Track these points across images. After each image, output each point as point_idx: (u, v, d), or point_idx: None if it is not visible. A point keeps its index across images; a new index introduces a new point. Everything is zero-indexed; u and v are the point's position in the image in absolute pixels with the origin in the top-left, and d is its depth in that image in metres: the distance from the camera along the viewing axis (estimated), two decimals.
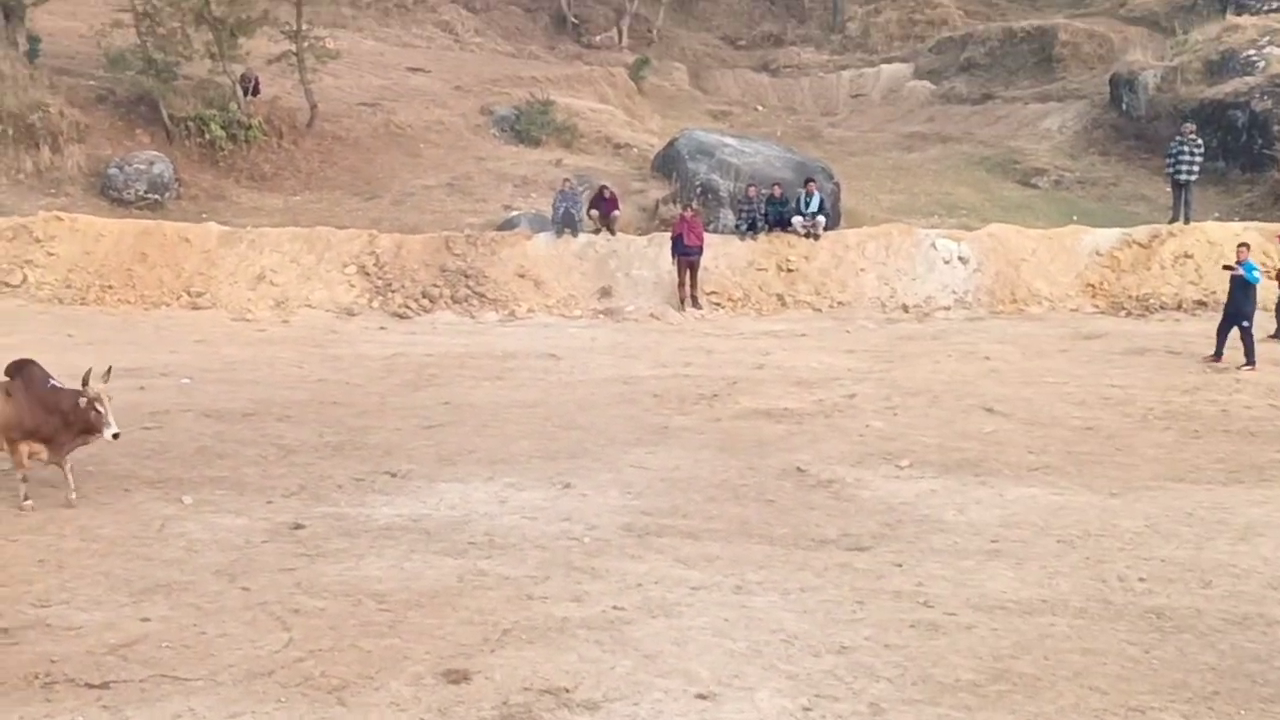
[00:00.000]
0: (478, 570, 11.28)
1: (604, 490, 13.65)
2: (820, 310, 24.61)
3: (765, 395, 17.95)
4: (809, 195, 26.03)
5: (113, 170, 29.09)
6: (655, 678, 9.13)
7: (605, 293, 24.95)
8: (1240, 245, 20.90)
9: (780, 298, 24.89)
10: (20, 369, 13.08)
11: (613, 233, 26.03)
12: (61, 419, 12.73)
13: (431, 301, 24.78)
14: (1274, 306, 22.06)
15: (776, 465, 14.56)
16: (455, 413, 16.94)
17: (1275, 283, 22.01)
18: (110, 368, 13.24)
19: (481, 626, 10.02)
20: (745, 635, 9.93)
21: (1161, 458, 14.94)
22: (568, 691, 8.88)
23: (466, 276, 24.98)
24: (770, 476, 14.11)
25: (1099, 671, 9.34)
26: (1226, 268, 20.72)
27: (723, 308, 24.71)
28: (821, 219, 25.77)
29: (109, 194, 28.76)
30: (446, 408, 17.26)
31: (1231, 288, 20.14)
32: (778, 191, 26.14)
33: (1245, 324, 19.75)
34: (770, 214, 26.10)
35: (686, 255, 24.57)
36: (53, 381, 12.98)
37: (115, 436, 12.78)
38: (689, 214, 25.09)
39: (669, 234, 25.58)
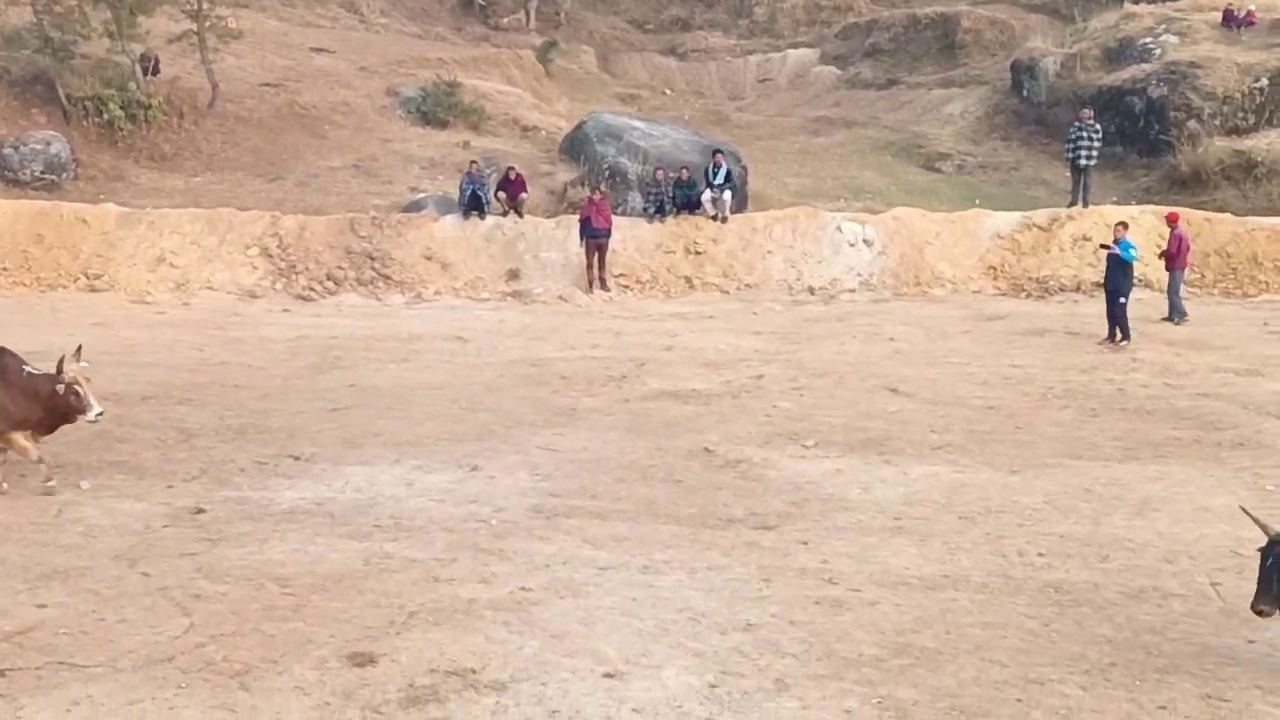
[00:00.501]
0: (383, 553, 11.17)
1: (512, 472, 13.59)
2: (728, 292, 24.71)
3: (673, 376, 17.98)
4: (716, 166, 26.10)
5: (7, 150, 28.39)
6: (563, 657, 9.11)
7: (513, 275, 24.84)
8: (1118, 224, 21.45)
9: (688, 280, 24.95)
10: None
11: (520, 215, 25.91)
12: (42, 405, 12.47)
13: (336, 284, 24.50)
14: (1166, 289, 22.57)
15: (684, 446, 14.59)
16: (360, 395, 16.77)
17: (1160, 261, 22.51)
18: (80, 346, 12.99)
19: (387, 609, 9.92)
20: (653, 614, 9.95)
21: (1060, 436, 15.20)
22: (474, 673, 8.83)
23: (372, 259, 24.73)
24: (678, 457, 14.14)
25: (999, 645, 9.48)
26: (1103, 246, 21.24)
27: (631, 290, 24.72)
28: (728, 194, 25.84)
29: (4, 175, 28.08)
30: (351, 390, 17.07)
31: (1109, 266, 20.68)
32: (685, 175, 26.20)
33: (1122, 300, 20.23)
34: (678, 197, 26.14)
35: (595, 238, 24.54)
36: (28, 369, 12.70)
37: (99, 416, 12.59)
38: (597, 197, 25.05)
39: (577, 217, 25.52)
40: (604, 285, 24.64)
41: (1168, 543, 11.36)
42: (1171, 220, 22.83)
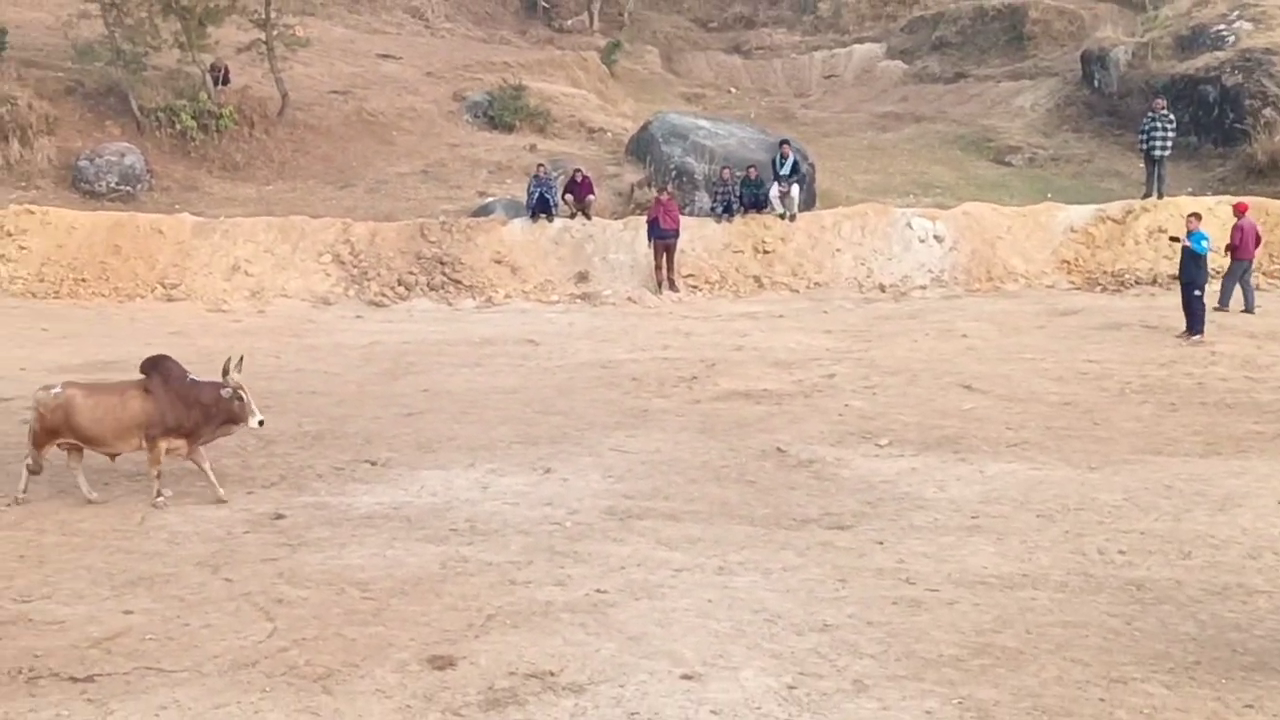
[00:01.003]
0: (460, 557, 11.27)
1: (585, 474, 13.66)
2: (797, 291, 24.64)
3: (744, 376, 17.97)
4: (783, 157, 26.04)
5: (83, 162, 28.91)
6: (640, 659, 9.15)
7: (582, 277, 24.93)
8: (1190, 215, 21.26)
9: (757, 279, 24.91)
10: (156, 365, 13.06)
11: (588, 217, 26.00)
12: (203, 412, 12.75)
13: (408, 289, 24.72)
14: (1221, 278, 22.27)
15: (756, 446, 14.59)
16: (434, 400, 16.92)
17: (1225, 255, 22.19)
18: (242, 356, 13.30)
19: (465, 612, 10.02)
20: (728, 615, 9.96)
21: (1139, 431, 15.03)
22: (553, 675, 8.89)
23: (442, 264, 24.93)
24: (750, 457, 14.15)
25: (1081, 644, 9.40)
26: (1173, 239, 21.02)
27: (700, 290, 24.72)
28: (796, 189, 25.76)
29: (80, 186, 28.59)
30: (425, 395, 17.24)
31: (1183, 259, 20.52)
32: (753, 173, 26.16)
33: (1197, 293, 20.02)
34: (745, 196, 26.11)
35: (663, 239, 24.57)
36: (191, 375, 13.03)
37: (260, 424, 12.88)
38: (665, 197, 25.08)
39: (645, 218, 25.58)
40: (673, 286, 24.67)
41: (1251, 539, 11.20)
42: (1240, 210, 22.48)
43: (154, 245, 25.60)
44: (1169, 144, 26.37)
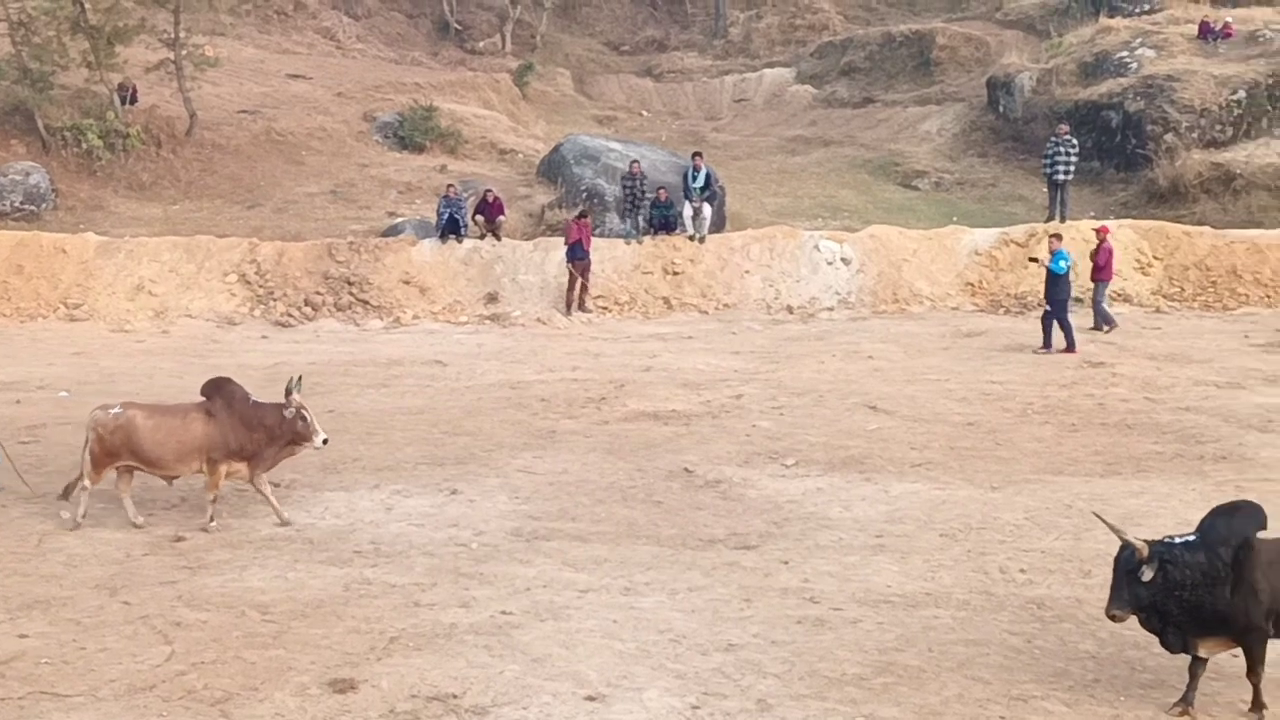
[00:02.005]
0: (364, 579, 11.17)
1: (492, 495, 13.60)
2: (706, 312, 24.77)
3: (652, 397, 18.01)
4: (696, 170, 26.14)
5: None
6: (544, 681, 9.11)
7: (491, 298, 24.85)
8: (1051, 236, 22.07)
9: (667, 300, 25.00)
10: (219, 388, 12.89)
11: (498, 238, 25.95)
12: (266, 434, 12.60)
13: (314, 309, 24.48)
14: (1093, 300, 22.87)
15: (664, 467, 14.61)
16: (340, 421, 16.75)
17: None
18: (301, 376, 13.17)
19: (368, 635, 9.92)
20: (634, 636, 9.96)
21: (1040, 451, 15.26)
22: (455, 697, 8.83)
23: (350, 284, 24.72)
24: (658, 478, 14.17)
25: (982, 662, 9.52)
26: (1032, 260, 21.73)
27: (609, 311, 24.75)
28: (708, 209, 25.85)
29: None
30: (331, 416, 17.04)
31: (1047, 279, 21.39)
32: (663, 195, 26.25)
33: (1048, 309, 21.12)
34: (655, 218, 26.20)
35: (582, 260, 24.58)
36: (253, 397, 12.86)
37: (324, 443, 12.74)
38: (583, 220, 25.07)
39: (557, 238, 25.58)
40: (584, 307, 24.67)
41: None
42: (1102, 233, 23.11)
43: (57, 265, 25.13)
44: (1072, 169, 26.88)
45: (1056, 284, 21.23)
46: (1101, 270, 22.67)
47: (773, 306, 24.89)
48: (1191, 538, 8.48)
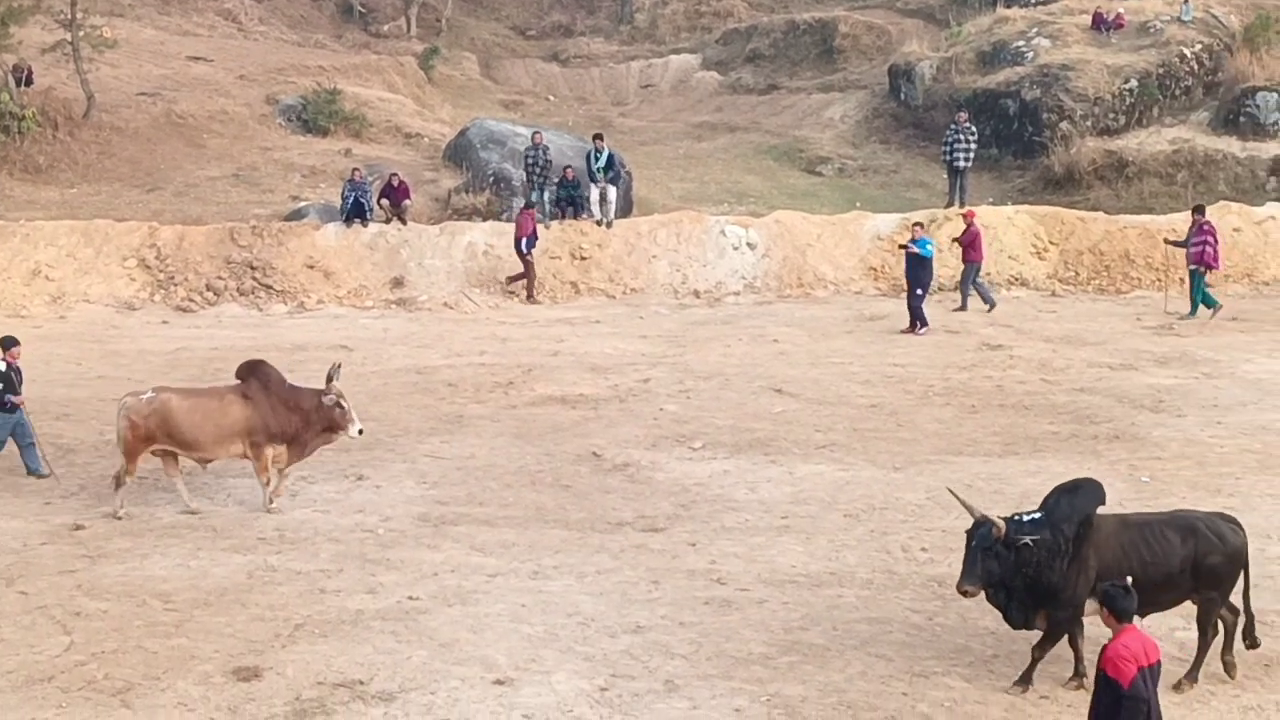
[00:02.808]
0: (268, 566, 11.03)
1: (398, 481, 13.50)
2: (614, 297, 24.73)
3: (560, 382, 17.96)
4: (598, 151, 26.00)
5: None
6: (452, 665, 9.07)
7: (397, 283, 24.58)
8: (914, 224, 22.66)
9: (574, 285, 24.91)
10: (254, 370, 12.65)
11: (404, 222, 25.68)
12: (303, 419, 12.40)
13: (216, 294, 24.04)
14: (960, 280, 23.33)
15: (572, 450, 14.59)
16: None
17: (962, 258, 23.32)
18: (340, 364, 13.05)
19: (272, 623, 9.81)
20: (542, 619, 9.95)
21: (941, 432, 15.47)
22: (362, 684, 8.76)
23: (253, 268, 24.31)
24: (566, 462, 14.15)
25: (885, 639, 9.64)
26: (902, 247, 22.10)
27: (517, 296, 24.62)
28: (614, 191, 25.73)
29: None
30: None
31: (909, 263, 21.89)
32: (569, 174, 26.09)
33: (920, 292, 21.60)
34: (562, 197, 26.01)
35: (531, 249, 24.49)
36: (289, 382, 12.64)
37: (360, 433, 12.61)
38: (531, 209, 24.94)
39: (464, 223, 25.43)
40: (533, 297, 24.56)
41: None
42: (968, 217, 23.52)
43: None
44: (971, 155, 27.22)
45: (925, 267, 21.81)
46: (969, 252, 23.03)
47: (680, 291, 24.93)
48: (1038, 515, 8.70)
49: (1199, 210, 23.34)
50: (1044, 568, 8.50)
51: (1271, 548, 11.50)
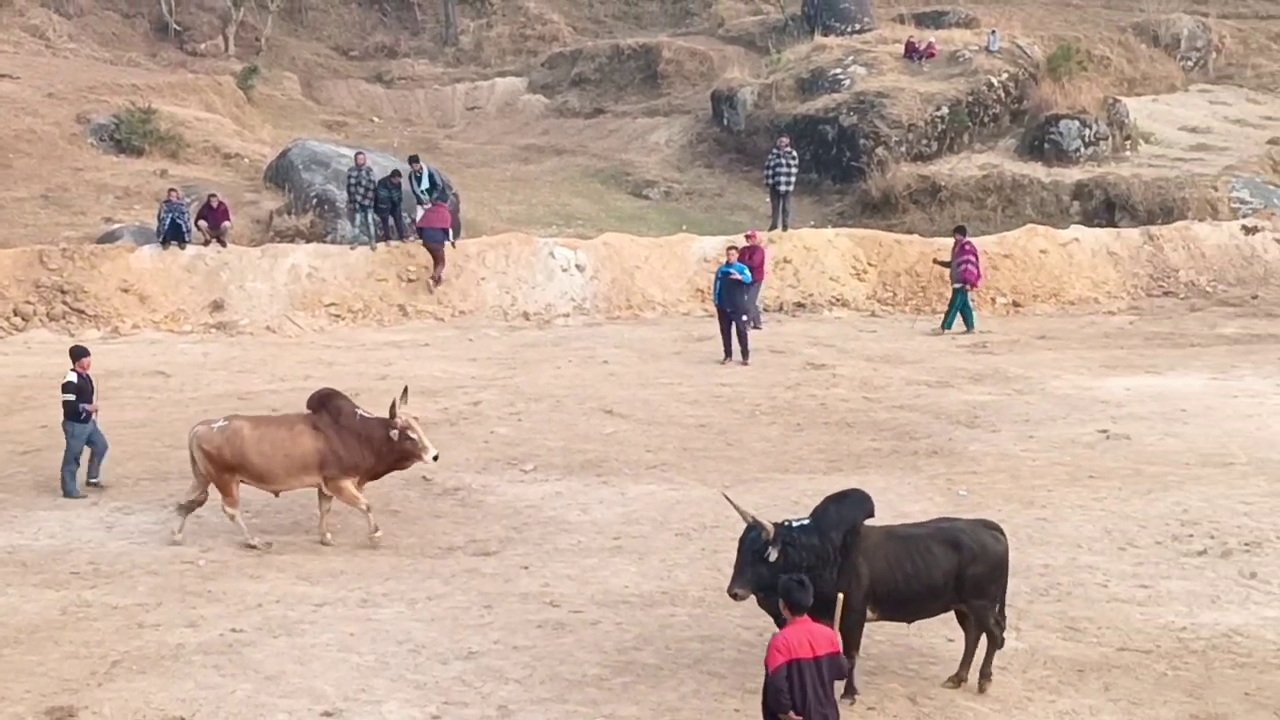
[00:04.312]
0: (82, 601, 10.61)
1: (219, 510, 13.09)
2: (443, 320, 24.49)
3: (388, 406, 17.66)
4: (417, 173, 25.72)
5: None
6: (278, 699, 8.83)
7: (217, 306, 23.93)
8: (729, 249, 22.27)
9: (402, 308, 24.59)
10: (325, 402, 12.16)
11: (224, 244, 25.02)
12: (374, 451, 11.92)
13: (25, 320, 23.08)
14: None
15: (401, 475, 14.31)
16: (54, 437, 15.78)
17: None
18: (406, 388, 12.63)
19: (88, 660, 9.43)
20: (372, 648, 9.76)
21: (768, 450, 15.68)
22: None
23: (64, 292, 23.41)
24: (395, 486, 13.88)
25: (717, 657, 9.69)
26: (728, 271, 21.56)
27: (343, 319, 24.19)
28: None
29: None
30: (44, 432, 16.10)
31: (725, 289, 21.07)
32: (395, 179, 25.69)
33: (745, 318, 21.23)
34: (383, 197, 25.53)
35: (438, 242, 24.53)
36: (360, 412, 12.11)
37: (435, 459, 12.11)
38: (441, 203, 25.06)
39: (286, 245, 24.95)
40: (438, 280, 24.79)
41: None
42: (751, 237, 23.90)
43: None
44: (792, 179, 27.70)
45: (742, 292, 21.25)
46: (757, 271, 23.11)
47: (509, 313, 24.82)
48: (807, 522, 8.89)
49: (960, 231, 24.45)
50: (813, 575, 8.58)
51: (1082, 556, 11.92)
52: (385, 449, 12.12)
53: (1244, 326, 23.79)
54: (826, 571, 8.70)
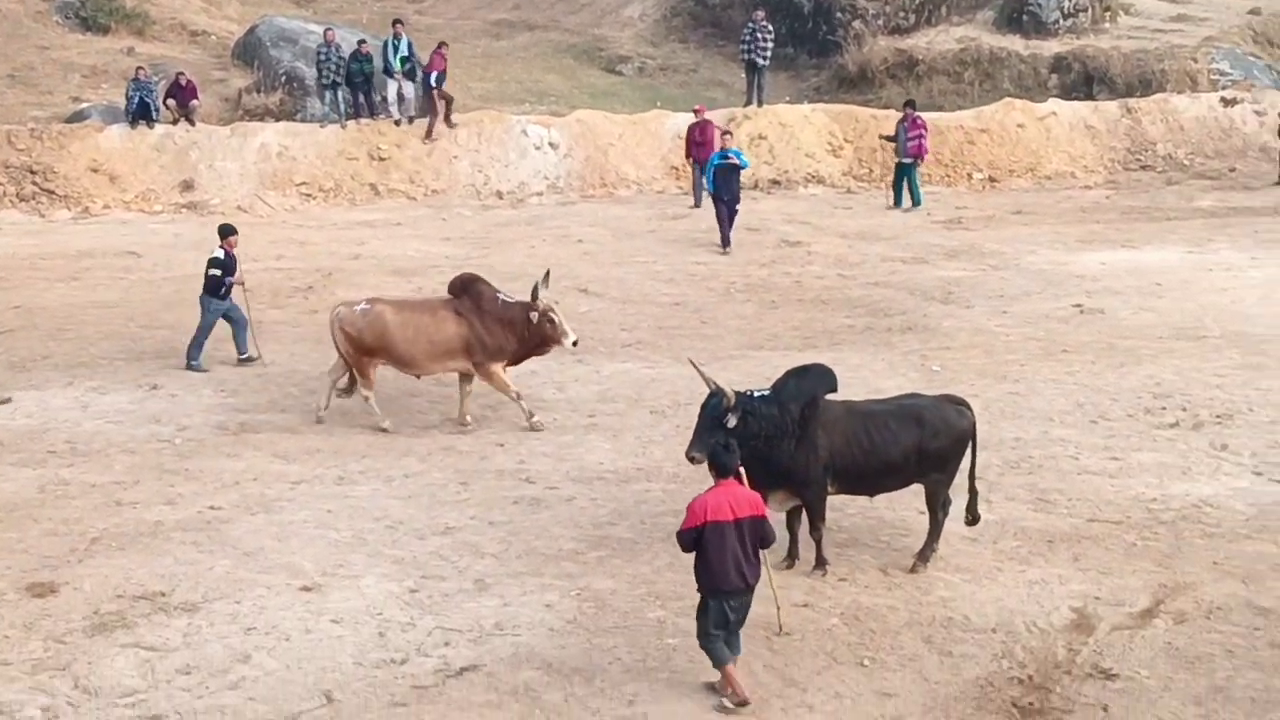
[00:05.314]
0: (60, 479, 10.65)
1: (195, 389, 13.14)
2: (415, 199, 24.28)
3: (362, 286, 17.58)
4: (396, 39, 25.30)
5: None
6: (257, 574, 8.92)
7: (187, 186, 23.65)
8: (724, 134, 21.81)
9: (374, 187, 24.36)
10: (467, 286, 12.02)
11: (193, 123, 24.66)
12: (516, 335, 11.85)
13: None
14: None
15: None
16: (27, 317, 15.80)
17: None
18: (548, 272, 12.36)
19: (67, 537, 9.50)
20: (349, 524, 9.85)
21: (743, 328, 15.71)
22: (164, 595, 8.56)
23: (33, 173, 23.10)
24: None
25: None
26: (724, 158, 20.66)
27: (314, 199, 23.96)
28: (411, 87, 25.16)
29: None
30: (17, 312, 16.06)
31: (723, 177, 20.39)
32: (364, 49, 25.27)
33: (738, 207, 20.50)
34: (354, 70, 25.11)
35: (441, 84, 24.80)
36: (502, 296, 11.99)
37: (575, 345, 12.00)
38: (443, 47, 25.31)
39: (256, 123, 24.65)
40: (449, 122, 25.03)
41: None
42: (698, 111, 23.61)
43: None
44: (768, 54, 27.33)
45: (739, 180, 20.64)
46: (703, 149, 22.76)
47: (482, 192, 24.62)
48: (767, 392, 8.99)
49: (910, 105, 24.00)
50: (772, 445, 8.74)
51: (1054, 430, 12.03)
52: (526, 333, 12.03)
53: (1221, 199, 23.76)
54: (785, 443, 8.83)
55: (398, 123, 25.21)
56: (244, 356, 14.15)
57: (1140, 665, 7.97)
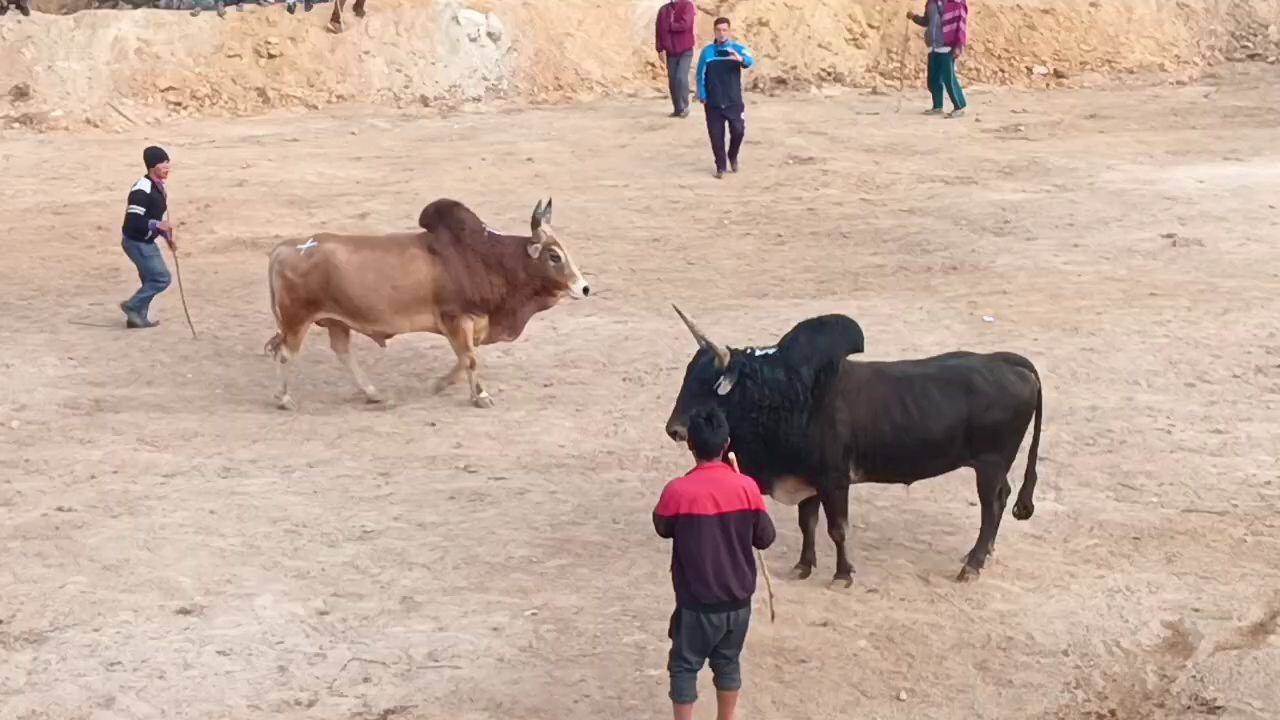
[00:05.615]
0: None
1: (36, 357, 13.15)
2: (315, 107, 24.28)
3: (249, 220, 17.65)
4: None
5: None
6: (120, 593, 8.93)
7: (21, 93, 23.59)
8: (718, 22, 21.29)
9: (261, 92, 24.34)
10: (444, 216, 11.84)
11: (25, 11, 24.57)
12: (508, 279, 11.68)
13: None
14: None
15: (268, 309, 14.29)
16: None
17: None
18: (551, 199, 12.19)
19: None
20: (238, 529, 9.86)
21: (741, 270, 15.74)
22: (2, 623, 8.56)
23: None
24: (260, 325, 13.88)
25: None
26: (723, 54, 20.33)
27: (185, 109, 23.92)
28: None
29: None
30: None
31: (723, 78, 19.97)
32: None
33: (743, 116, 20.24)
34: None
35: None
36: (489, 229, 11.81)
37: (586, 292, 11.86)
38: None
39: (107, 11, 24.50)
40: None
41: None
42: None
43: None
44: None
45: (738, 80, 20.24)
46: (683, 39, 22.83)
47: (402, 98, 24.62)
48: (772, 351, 8.86)
49: None
50: (779, 419, 8.65)
51: (1140, 395, 12.10)
52: (524, 276, 11.87)
53: None
54: (795, 416, 8.69)
55: (291, 9, 25.13)
56: (133, 323, 14.08)
57: (1252, 694, 8.04)
